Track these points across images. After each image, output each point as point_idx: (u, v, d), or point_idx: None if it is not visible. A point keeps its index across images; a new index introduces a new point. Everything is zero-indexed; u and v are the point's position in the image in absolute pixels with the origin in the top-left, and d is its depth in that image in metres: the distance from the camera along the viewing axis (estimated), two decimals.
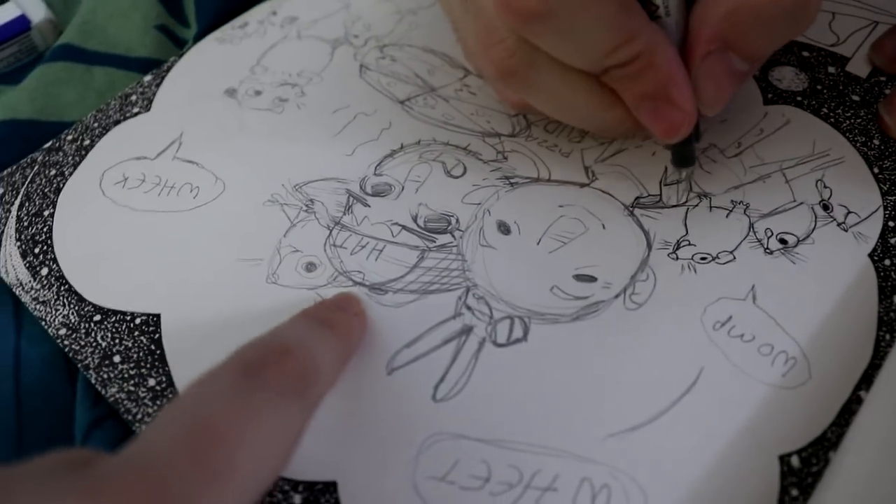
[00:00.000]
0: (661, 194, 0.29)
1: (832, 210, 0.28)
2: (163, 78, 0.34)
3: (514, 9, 0.23)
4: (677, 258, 0.27)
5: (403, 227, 0.28)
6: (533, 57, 0.25)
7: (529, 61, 0.25)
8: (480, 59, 0.27)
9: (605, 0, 0.23)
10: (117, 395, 0.25)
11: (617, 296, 0.26)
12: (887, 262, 0.27)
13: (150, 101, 0.33)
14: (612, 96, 0.26)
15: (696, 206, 0.28)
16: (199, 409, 0.18)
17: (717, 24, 0.24)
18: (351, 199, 0.29)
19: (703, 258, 0.27)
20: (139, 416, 0.24)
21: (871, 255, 0.27)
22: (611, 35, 0.23)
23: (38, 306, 0.27)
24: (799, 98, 0.32)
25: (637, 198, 0.29)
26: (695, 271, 0.27)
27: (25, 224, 0.29)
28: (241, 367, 0.20)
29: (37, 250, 0.28)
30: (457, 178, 0.30)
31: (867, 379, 0.24)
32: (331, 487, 0.23)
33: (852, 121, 0.31)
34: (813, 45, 0.34)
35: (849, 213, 0.28)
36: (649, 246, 0.27)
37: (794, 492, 0.22)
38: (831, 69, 0.33)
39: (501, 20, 0.24)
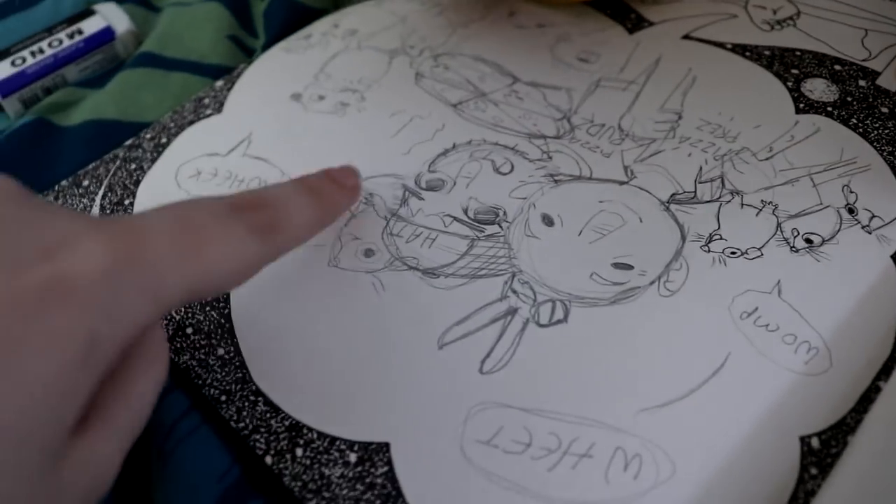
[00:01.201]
0: (696, 191, 0.31)
1: (857, 213, 0.30)
2: (233, 83, 0.37)
3: None
4: (709, 251, 0.29)
5: (455, 219, 0.30)
6: None
7: None
8: None
9: None
10: (189, 362, 0.27)
11: (652, 283, 0.28)
12: None
13: (222, 104, 0.36)
14: None
15: (729, 202, 0.30)
16: (188, 209, 0.22)
17: None
18: (406, 192, 0.31)
19: (732, 252, 0.29)
20: (209, 381, 0.27)
21: (893, 257, 0.28)
22: None
23: None
24: (829, 108, 0.34)
25: (673, 194, 0.31)
26: (725, 264, 0.28)
27: (108, 212, 0.32)
28: (227, 203, 0.23)
29: None
30: (505, 174, 0.32)
31: (887, 371, 0.25)
32: (384, 447, 0.25)
33: (880, 131, 0.33)
34: (845, 60, 0.36)
35: (873, 216, 0.30)
36: (683, 238, 0.29)
37: (814, 470, 0.23)
38: (862, 82, 0.35)
39: None
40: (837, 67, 0.35)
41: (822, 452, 0.24)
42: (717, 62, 0.36)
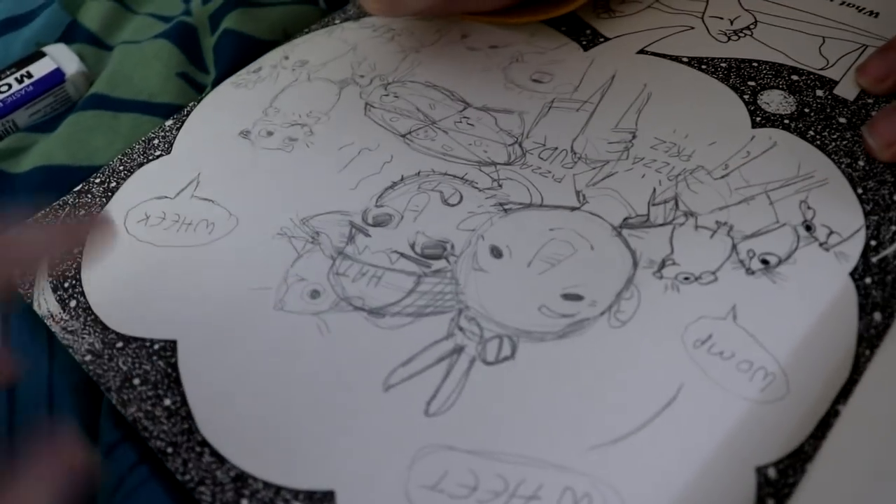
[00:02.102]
0: (648, 214, 0.30)
1: (815, 230, 0.29)
2: (182, 122, 0.37)
3: None
4: (661, 277, 0.28)
5: (401, 255, 0.30)
6: None
7: None
8: None
9: None
10: (136, 415, 0.27)
11: (602, 313, 0.27)
12: (868, 280, 0.28)
13: (171, 144, 0.36)
14: None
15: (683, 224, 0.30)
16: None
17: None
18: (353, 230, 0.31)
19: (686, 278, 0.28)
20: (155, 433, 0.26)
21: (851, 274, 0.28)
22: None
23: (66, 335, 0.29)
24: (786, 121, 0.33)
25: (625, 219, 0.30)
26: (678, 290, 0.28)
27: (57, 261, 0.32)
28: None
29: (66, 285, 0.31)
30: (453, 206, 0.31)
31: (846, 394, 0.25)
32: (329, 496, 0.24)
33: (838, 143, 0.32)
34: (802, 69, 0.35)
35: (831, 233, 0.29)
36: (635, 265, 0.29)
37: (771, 501, 0.23)
38: (819, 92, 0.34)
39: None
40: (795, 78, 0.35)
41: (779, 482, 0.23)
42: (672, 77, 0.36)
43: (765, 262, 0.28)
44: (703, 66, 0.36)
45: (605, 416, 0.25)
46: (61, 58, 0.40)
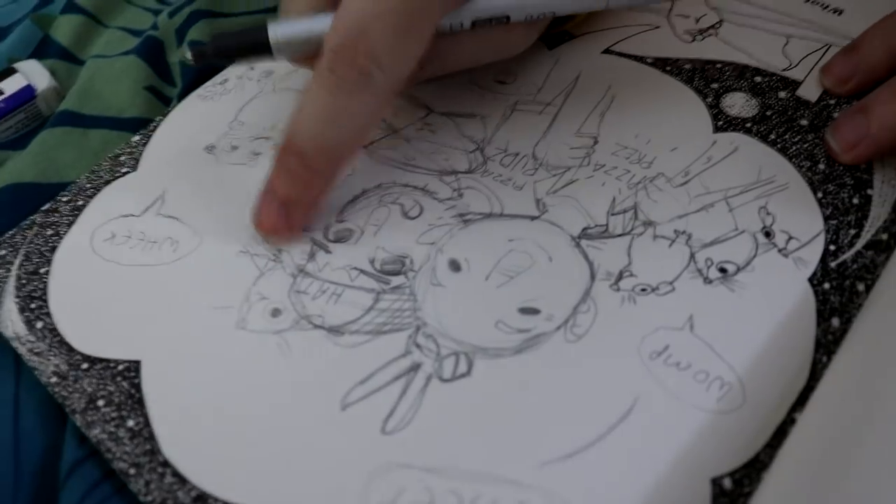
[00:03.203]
0: (607, 224, 0.30)
1: (774, 237, 0.29)
2: (149, 137, 0.37)
3: None
4: (619, 289, 0.28)
5: (361, 271, 0.30)
6: None
7: None
8: None
9: None
10: (99, 436, 0.27)
11: (558, 328, 0.27)
12: (826, 285, 0.28)
13: (138, 161, 0.36)
14: None
15: (641, 234, 0.30)
16: None
17: None
18: (314, 246, 0.31)
19: (643, 289, 0.28)
20: (118, 455, 0.26)
21: (810, 280, 0.28)
22: None
23: (32, 357, 0.29)
24: (748, 124, 0.33)
25: (584, 228, 0.30)
26: (634, 302, 0.28)
27: (24, 282, 0.32)
28: None
29: (33, 306, 0.31)
30: (413, 219, 0.31)
31: (803, 401, 0.25)
32: None
33: (799, 146, 0.32)
34: (766, 71, 0.35)
35: (790, 238, 0.29)
36: (592, 277, 0.29)
37: None
38: (782, 94, 0.34)
39: None
40: (758, 79, 0.35)
41: (734, 493, 0.24)
42: (637, 79, 0.36)
43: (723, 270, 0.28)
44: (668, 68, 0.36)
45: (560, 431, 0.25)
46: (32, 74, 0.40)
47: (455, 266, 0.30)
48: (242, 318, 0.29)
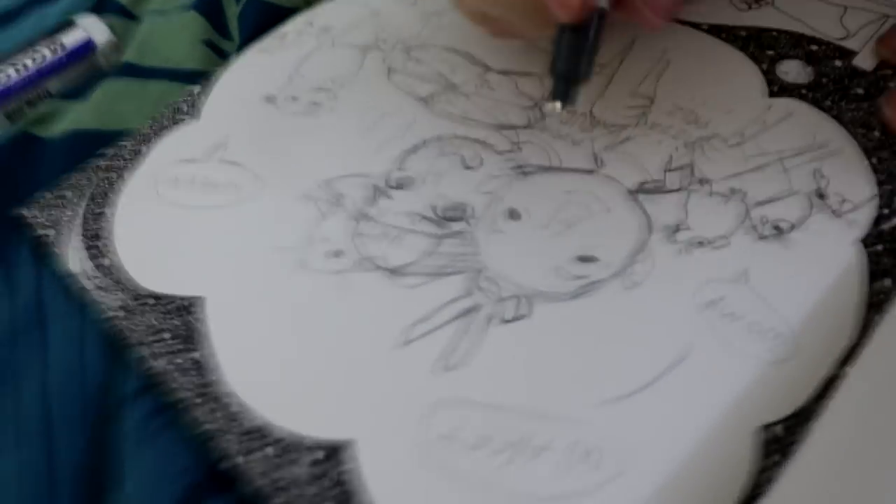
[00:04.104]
0: (664, 180, 0.31)
1: (827, 198, 0.30)
2: (209, 88, 0.37)
3: None
4: (675, 241, 0.29)
5: (422, 217, 0.31)
6: None
7: None
8: None
9: None
10: (165, 367, 0.28)
11: (616, 275, 0.28)
12: (878, 247, 0.28)
13: (199, 110, 0.37)
14: None
15: (697, 190, 0.30)
16: None
17: None
18: (376, 192, 0.32)
19: (699, 242, 0.29)
20: (184, 384, 0.27)
21: (863, 241, 0.28)
22: None
23: (98, 292, 0.30)
24: (803, 91, 0.33)
25: (641, 183, 0.31)
26: (690, 254, 0.28)
27: (90, 222, 0.33)
28: None
29: (99, 244, 0.32)
30: (473, 169, 0.32)
31: (853, 357, 0.25)
32: (349, 445, 0.25)
33: (854, 113, 0.32)
34: (821, 40, 0.35)
35: (843, 201, 0.29)
36: (650, 229, 0.29)
37: (776, 457, 0.24)
38: (837, 63, 0.34)
39: None
40: (814, 47, 0.35)
41: (784, 440, 0.24)
42: (692, 44, 0.36)
43: (777, 228, 0.29)
44: (723, 35, 0.36)
45: (616, 373, 0.26)
46: (92, 28, 0.41)
47: (514, 214, 0.30)
48: (304, 258, 0.30)
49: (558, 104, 0.28)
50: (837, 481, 0.23)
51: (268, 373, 0.27)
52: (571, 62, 0.27)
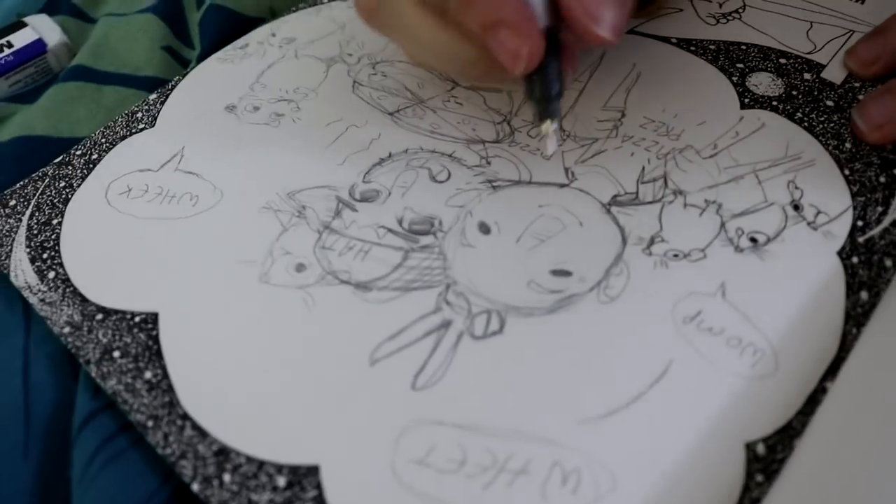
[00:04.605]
0: (637, 192, 0.30)
1: (803, 210, 0.29)
2: (167, 96, 0.36)
3: None
4: (651, 254, 0.28)
5: (389, 230, 0.29)
6: None
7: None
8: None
9: None
10: (116, 388, 0.26)
11: (591, 289, 0.27)
12: (855, 259, 0.28)
13: (155, 118, 0.35)
14: (462, 32, 0.26)
15: (672, 202, 0.30)
16: None
17: None
18: (340, 204, 0.31)
19: (675, 255, 0.28)
20: (135, 406, 0.26)
21: (839, 253, 0.28)
22: None
23: (44, 307, 0.29)
24: (774, 103, 0.33)
25: (615, 196, 0.30)
26: (667, 267, 0.28)
27: (35, 232, 0.31)
28: None
29: (45, 256, 0.30)
30: (441, 182, 0.31)
31: (834, 371, 0.25)
32: (314, 471, 0.24)
33: (826, 125, 0.32)
34: (790, 53, 0.35)
35: (819, 212, 0.29)
36: (624, 241, 0.28)
37: (760, 477, 0.23)
38: (807, 75, 0.34)
39: None
40: (783, 61, 0.35)
41: (767, 458, 0.23)
42: (661, 57, 0.36)
43: (753, 240, 0.28)
44: (692, 48, 0.36)
45: (595, 392, 0.25)
46: (43, 28, 0.39)
47: (485, 228, 0.29)
48: (265, 272, 0.29)
49: (548, 123, 0.28)
50: (823, 498, 0.22)
51: (227, 394, 0.26)
52: (545, 86, 0.27)
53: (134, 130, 0.35)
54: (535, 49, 0.25)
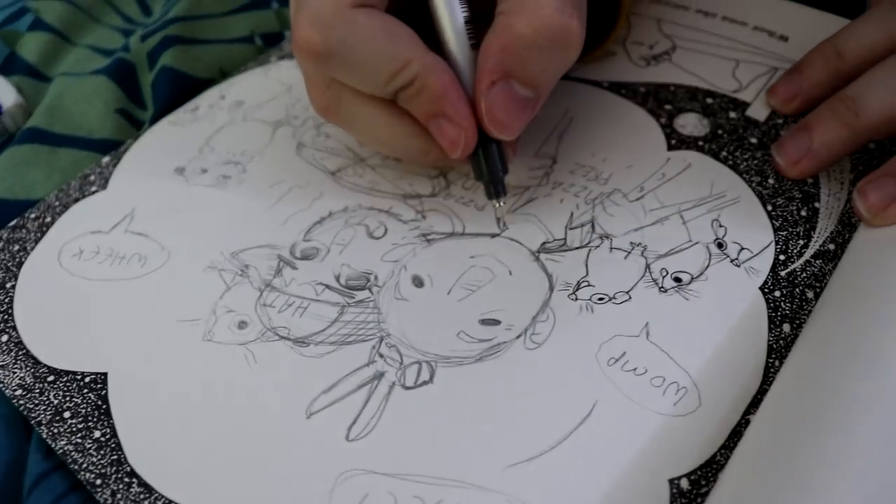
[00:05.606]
0: (565, 238, 0.31)
1: (726, 248, 0.30)
2: (119, 159, 0.37)
3: (303, 49, 0.27)
4: (577, 299, 0.29)
5: (326, 286, 0.31)
6: (339, 92, 0.29)
7: (337, 96, 0.29)
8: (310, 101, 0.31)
9: (380, 34, 0.27)
10: (66, 448, 0.27)
11: (518, 336, 0.28)
12: (777, 293, 0.29)
13: (107, 180, 0.36)
14: (413, 123, 0.30)
15: (598, 247, 0.31)
16: None
17: (497, 55, 0.27)
18: (281, 263, 0.32)
19: (600, 298, 0.29)
20: (84, 465, 0.27)
21: (761, 288, 0.29)
22: (388, 62, 0.27)
23: None
24: (700, 143, 0.34)
25: (543, 243, 0.31)
26: (592, 311, 0.29)
27: None
28: None
29: None
30: (378, 238, 0.32)
31: (757, 404, 0.26)
32: None
33: (749, 162, 0.33)
34: (717, 92, 0.36)
35: (742, 249, 0.30)
36: (551, 288, 0.30)
37: None
38: (732, 114, 0.35)
39: (299, 61, 0.29)
40: (709, 100, 0.36)
41: (691, 493, 0.24)
42: (593, 102, 0.37)
43: (677, 279, 0.29)
44: (623, 91, 0.37)
45: (521, 436, 0.26)
46: None
47: (418, 282, 0.30)
48: (209, 330, 0.30)
49: (497, 202, 0.31)
50: None
51: (172, 450, 0.27)
52: (490, 168, 0.30)
53: (87, 193, 0.36)
54: (470, 137, 0.29)
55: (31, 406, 0.28)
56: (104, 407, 0.28)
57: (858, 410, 0.23)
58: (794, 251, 0.30)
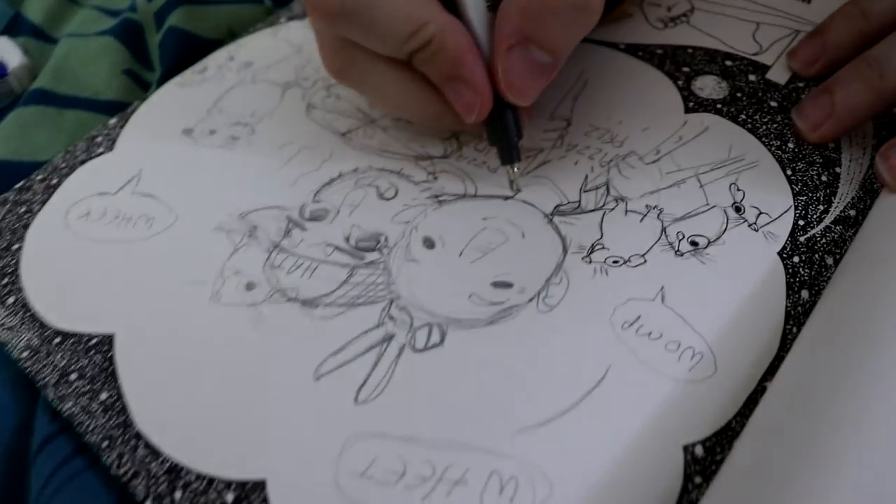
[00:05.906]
0: (580, 200, 0.31)
1: (744, 212, 0.30)
2: (126, 120, 0.37)
3: (317, 8, 0.27)
4: (591, 262, 0.29)
5: (336, 248, 0.30)
6: (353, 53, 0.29)
7: (351, 58, 0.29)
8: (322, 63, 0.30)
9: None
10: (72, 410, 0.27)
11: (531, 299, 0.28)
12: (796, 259, 0.28)
13: (114, 142, 0.36)
14: (428, 86, 0.29)
15: (613, 209, 0.30)
16: None
17: (515, 18, 0.27)
18: (290, 223, 0.31)
19: (615, 261, 0.29)
20: (91, 427, 0.26)
21: (780, 253, 0.28)
22: (404, 23, 0.27)
23: (3, 332, 0.29)
24: (719, 106, 0.33)
25: (557, 206, 0.31)
26: (606, 274, 0.28)
27: None
28: None
29: (4, 281, 0.31)
30: (389, 199, 0.32)
31: (774, 371, 0.25)
32: (260, 485, 0.24)
33: (769, 126, 0.32)
34: (736, 55, 0.35)
35: (760, 213, 0.29)
36: (565, 251, 0.29)
37: (698, 479, 0.23)
38: (752, 77, 0.34)
39: (312, 21, 0.28)
40: (728, 63, 0.35)
41: (705, 460, 0.24)
42: (609, 64, 0.36)
43: (694, 243, 0.29)
44: (640, 53, 0.36)
45: (533, 400, 0.25)
46: (3, 51, 0.40)
47: (429, 243, 0.30)
48: (216, 291, 0.29)
49: (511, 167, 0.31)
50: (758, 497, 0.23)
51: (178, 412, 0.27)
52: (505, 133, 0.30)
53: (93, 154, 0.35)
54: (486, 102, 0.28)
55: (38, 368, 0.28)
56: (110, 369, 0.28)
57: (877, 379, 0.23)
58: (814, 216, 0.29)
